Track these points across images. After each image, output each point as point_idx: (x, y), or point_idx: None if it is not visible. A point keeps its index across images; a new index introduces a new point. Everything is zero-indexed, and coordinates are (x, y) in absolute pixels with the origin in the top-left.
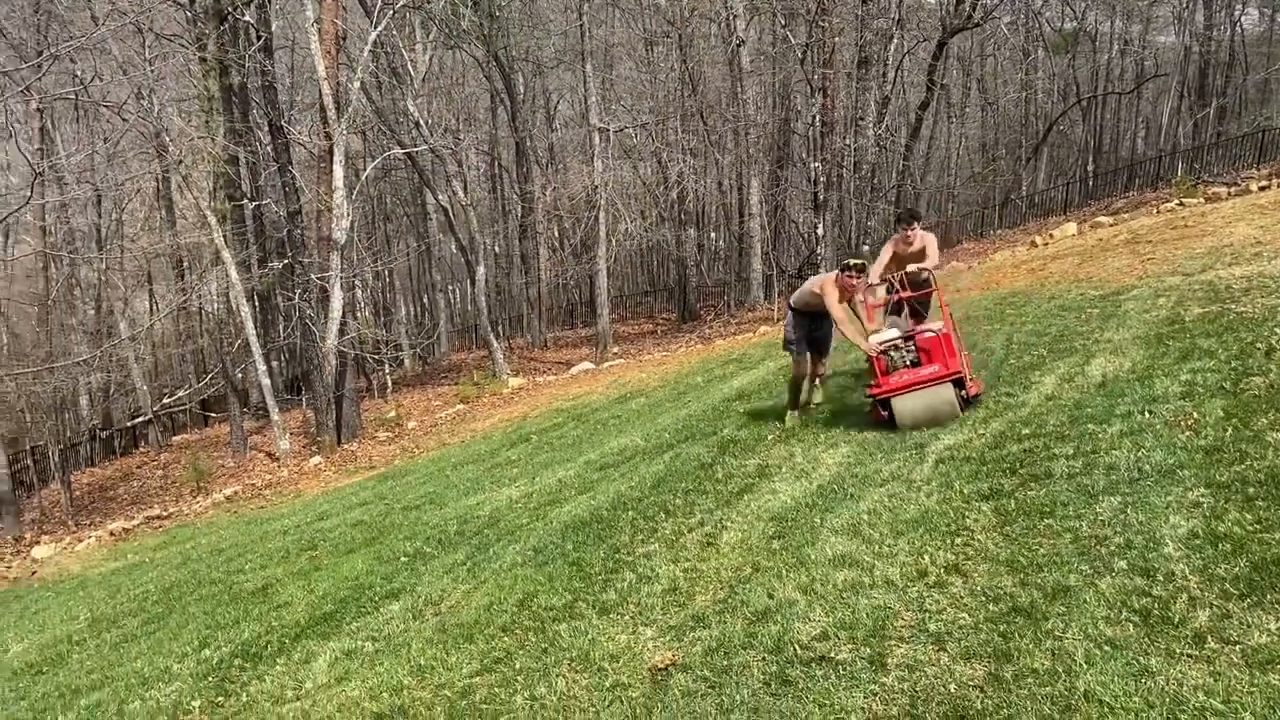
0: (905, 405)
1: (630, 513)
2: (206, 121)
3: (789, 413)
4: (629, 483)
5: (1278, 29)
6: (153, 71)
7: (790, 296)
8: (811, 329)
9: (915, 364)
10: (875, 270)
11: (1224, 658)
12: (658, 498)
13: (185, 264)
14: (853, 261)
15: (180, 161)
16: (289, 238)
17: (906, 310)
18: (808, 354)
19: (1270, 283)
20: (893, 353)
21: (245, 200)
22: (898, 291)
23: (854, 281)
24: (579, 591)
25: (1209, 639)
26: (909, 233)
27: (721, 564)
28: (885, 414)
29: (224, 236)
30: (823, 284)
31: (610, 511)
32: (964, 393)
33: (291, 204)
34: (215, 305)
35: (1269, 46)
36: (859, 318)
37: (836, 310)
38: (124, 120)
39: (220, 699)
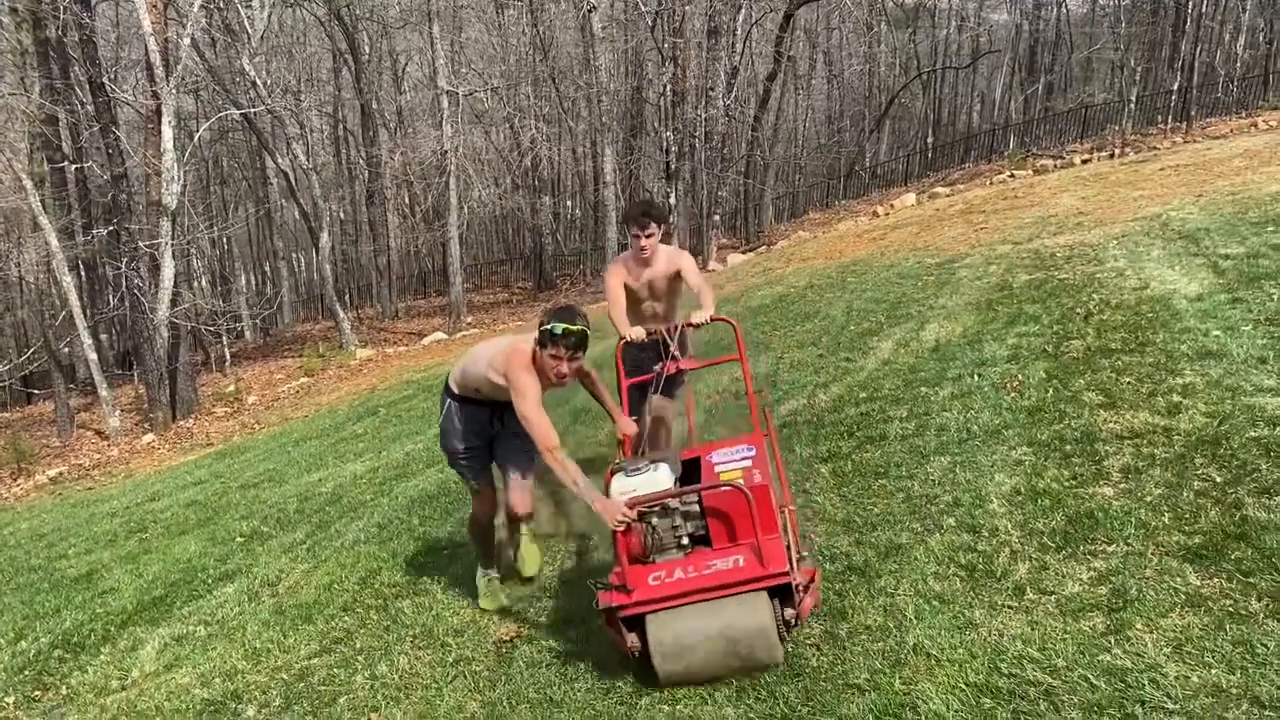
0: (670, 634)
1: None
2: (21, 78)
3: (481, 576)
4: None
5: (1099, 11)
6: None
7: (453, 371)
8: (493, 430)
9: (700, 542)
10: (619, 320)
11: (1041, 608)
12: None
13: (1, 230)
14: (562, 328)
15: None
16: (114, 202)
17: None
18: (493, 480)
19: (1090, 251)
20: (654, 521)
21: (66, 163)
22: (670, 359)
23: (564, 365)
24: (424, 567)
25: (1028, 590)
26: (642, 241)
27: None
28: (634, 643)
29: (42, 201)
30: (508, 361)
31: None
32: (792, 610)
33: (116, 167)
34: (36, 275)
35: (1091, 26)
36: (604, 402)
37: (534, 416)
38: None
39: (38, 693)
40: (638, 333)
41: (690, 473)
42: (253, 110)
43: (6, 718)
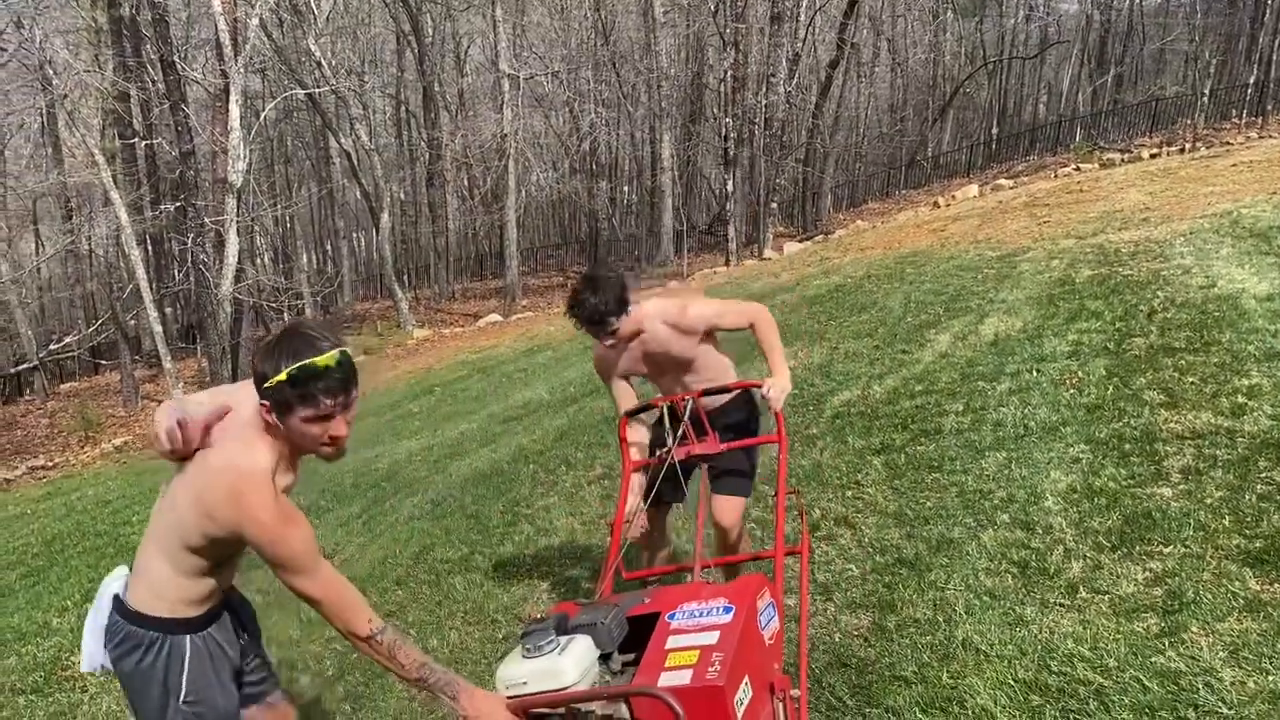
0: None
1: (531, 466)
2: (95, 55)
3: None
4: (531, 436)
5: (1173, 1)
6: None
7: (140, 578)
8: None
9: None
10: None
11: (1094, 607)
12: (560, 451)
13: (73, 204)
14: (306, 367)
15: (66, 96)
16: (182, 179)
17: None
18: None
19: (1155, 247)
20: None
21: (137, 139)
22: (685, 441)
23: (339, 421)
24: (476, 544)
25: (1081, 589)
26: (608, 343)
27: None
28: None
29: (113, 176)
30: (242, 499)
31: (511, 464)
32: None
33: (185, 144)
34: (106, 248)
35: (1165, 17)
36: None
37: (329, 592)
38: (3, 50)
39: None
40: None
41: (640, 635)
42: (317, 90)
43: (72, 675)
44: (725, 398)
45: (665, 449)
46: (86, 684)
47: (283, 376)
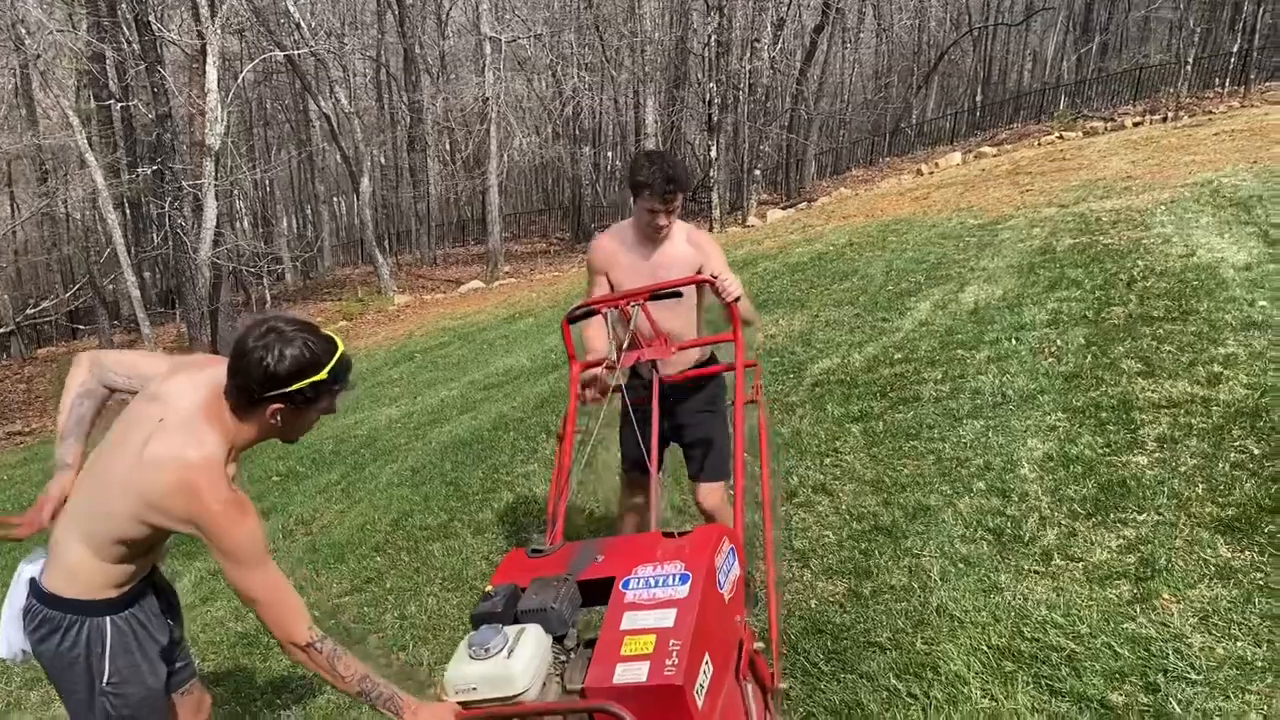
0: None
1: (512, 433)
2: (69, 14)
3: None
4: (512, 403)
5: None
6: None
7: (58, 562)
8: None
9: None
10: (591, 337)
11: (1067, 574)
12: (540, 418)
13: (48, 167)
14: (340, 360)
15: (39, 56)
16: (159, 142)
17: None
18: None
19: (1136, 216)
20: None
21: (112, 101)
22: (636, 347)
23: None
24: (455, 511)
25: (1055, 556)
26: (660, 219)
27: (600, 485)
28: None
29: (89, 138)
30: (194, 492)
31: (491, 432)
32: None
33: (161, 106)
34: (82, 212)
35: None
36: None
37: (270, 594)
38: None
39: None
40: (599, 352)
41: (595, 591)
42: (296, 52)
43: None
44: (697, 362)
45: (614, 358)
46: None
47: (323, 375)
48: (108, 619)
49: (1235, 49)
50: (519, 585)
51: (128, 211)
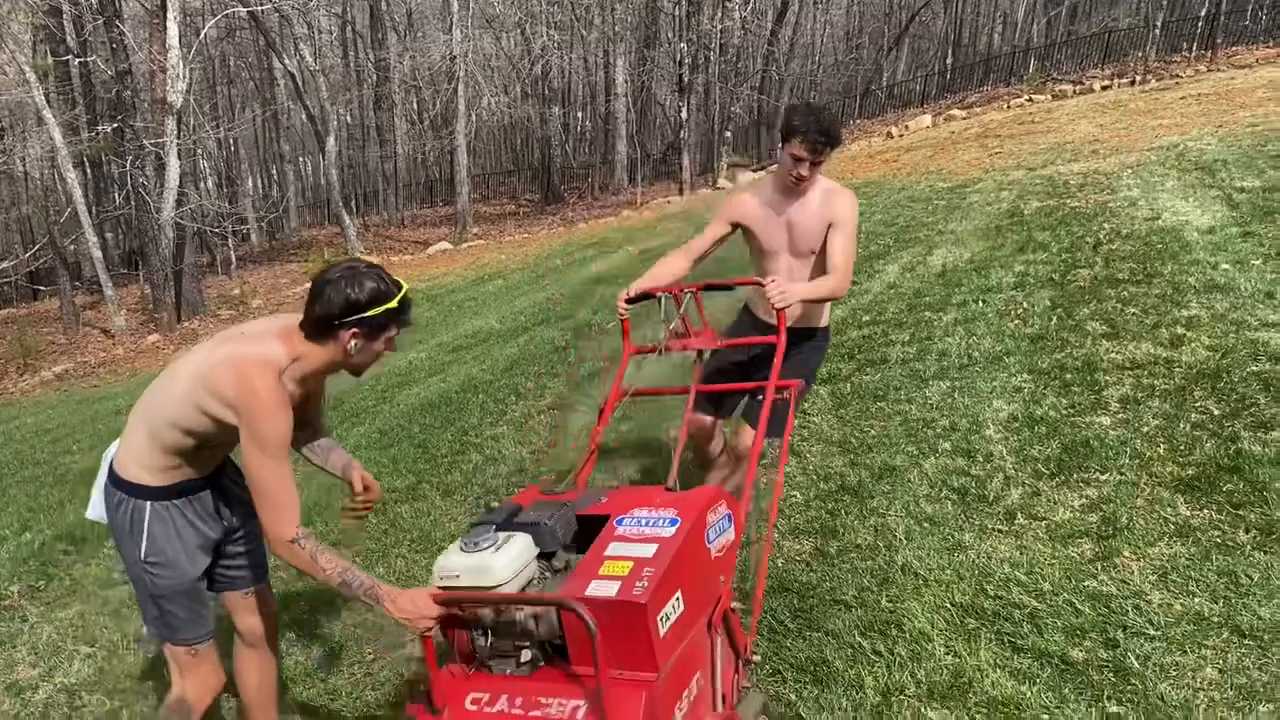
0: None
1: (480, 395)
2: None
3: None
4: (481, 365)
5: None
6: None
7: (123, 445)
8: (225, 524)
9: (560, 653)
10: (663, 267)
11: (1030, 533)
12: (509, 380)
13: (4, 124)
14: (406, 296)
15: None
16: (119, 99)
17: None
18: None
19: (1103, 179)
20: (488, 620)
21: (70, 56)
22: (673, 334)
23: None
24: (423, 474)
25: (1018, 515)
26: (802, 170)
27: (569, 446)
28: None
29: (46, 95)
30: (242, 378)
31: (460, 394)
32: None
33: (121, 63)
34: (41, 170)
35: None
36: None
37: (273, 483)
38: None
39: (41, 583)
40: (659, 280)
41: (589, 534)
42: (259, 8)
43: (10, 605)
44: (801, 320)
45: (660, 341)
46: (26, 613)
47: (394, 304)
48: (148, 504)
49: (1203, 13)
50: (521, 506)
51: (88, 170)
